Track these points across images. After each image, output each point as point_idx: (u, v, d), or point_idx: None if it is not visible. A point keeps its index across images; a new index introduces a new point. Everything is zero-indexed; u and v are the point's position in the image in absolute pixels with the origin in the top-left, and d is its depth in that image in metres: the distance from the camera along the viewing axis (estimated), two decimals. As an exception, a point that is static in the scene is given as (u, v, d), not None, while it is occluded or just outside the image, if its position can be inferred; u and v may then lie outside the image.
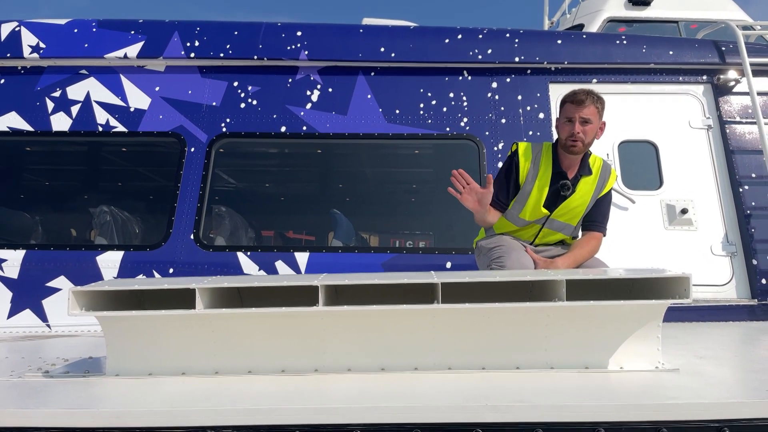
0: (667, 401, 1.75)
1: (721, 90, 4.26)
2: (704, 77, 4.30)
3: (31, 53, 4.28)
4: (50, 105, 4.24)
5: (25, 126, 4.22)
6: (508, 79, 4.28)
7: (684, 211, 4.01)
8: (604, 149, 4.10)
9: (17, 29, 4.31)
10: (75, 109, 4.23)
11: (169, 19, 4.41)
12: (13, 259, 3.91)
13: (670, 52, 4.27)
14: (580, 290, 2.16)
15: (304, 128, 4.19)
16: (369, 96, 4.25)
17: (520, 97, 4.24)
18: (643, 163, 4.20)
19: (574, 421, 1.69)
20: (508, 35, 4.33)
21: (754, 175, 4.05)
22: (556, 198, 2.97)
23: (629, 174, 4.14)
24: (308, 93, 4.27)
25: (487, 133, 4.15)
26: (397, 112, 4.21)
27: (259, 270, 3.89)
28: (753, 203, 3.99)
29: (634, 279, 2.29)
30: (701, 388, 1.90)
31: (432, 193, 4.98)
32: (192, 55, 4.27)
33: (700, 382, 1.98)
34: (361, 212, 4.76)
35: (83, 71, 4.31)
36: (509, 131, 4.15)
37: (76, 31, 4.34)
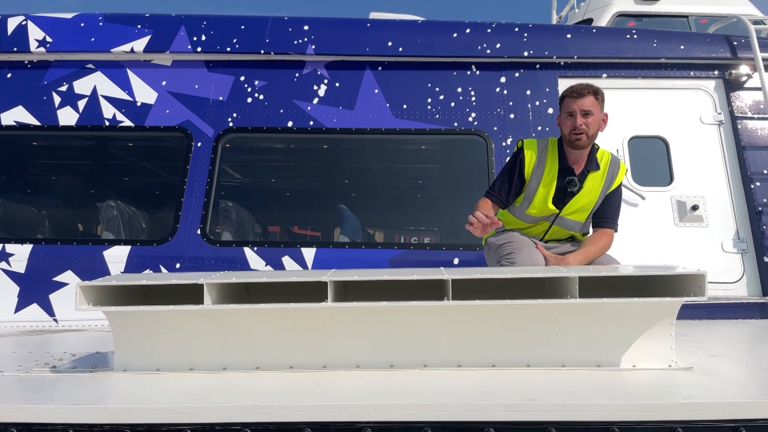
0: (682, 400, 1.72)
1: (732, 85, 4.21)
2: (716, 72, 4.24)
3: (37, 47, 4.26)
4: (57, 99, 4.23)
5: (31, 120, 4.21)
6: (517, 74, 4.24)
7: (695, 208, 3.97)
8: (614, 145, 4.06)
9: (24, 23, 4.30)
10: (82, 104, 4.22)
11: (175, 13, 4.39)
12: (20, 254, 3.91)
13: (682, 47, 4.22)
14: (590, 287, 2.13)
15: (311, 123, 4.16)
16: (376, 91, 4.22)
17: (528, 92, 4.20)
18: (653, 159, 4.16)
19: (588, 420, 1.67)
20: (516, 29, 4.28)
21: (765, 172, 4.01)
22: (563, 194, 2.93)
23: (639, 170, 4.10)
24: (315, 88, 4.24)
25: (495, 128, 4.11)
26: (405, 107, 4.17)
27: (266, 265, 3.88)
28: (765, 200, 3.94)
29: (647, 276, 2.26)
30: (716, 387, 1.88)
31: (439, 189, 4.94)
32: (199, 49, 4.25)
33: (715, 380, 1.95)
34: (368, 208, 4.74)
35: (90, 65, 4.30)
36: (518, 126, 4.11)
37: (82, 25, 4.32)
